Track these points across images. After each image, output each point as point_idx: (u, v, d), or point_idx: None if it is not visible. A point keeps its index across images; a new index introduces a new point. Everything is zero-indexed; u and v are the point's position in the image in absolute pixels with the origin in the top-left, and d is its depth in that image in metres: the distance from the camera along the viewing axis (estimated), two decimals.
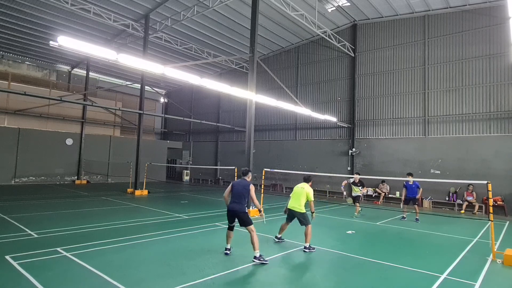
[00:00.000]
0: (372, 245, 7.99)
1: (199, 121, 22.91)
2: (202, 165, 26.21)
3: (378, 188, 17.47)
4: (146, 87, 18.66)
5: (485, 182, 7.12)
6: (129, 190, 17.29)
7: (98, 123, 24.73)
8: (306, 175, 7.78)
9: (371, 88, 18.60)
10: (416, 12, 16.90)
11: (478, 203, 14.31)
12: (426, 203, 15.58)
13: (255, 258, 6.02)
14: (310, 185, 7.52)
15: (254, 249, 6.07)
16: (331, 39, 18.26)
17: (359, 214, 12.07)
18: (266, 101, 13.75)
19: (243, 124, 19.22)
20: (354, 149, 18.71)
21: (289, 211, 7.44)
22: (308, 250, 6.97)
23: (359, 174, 12.79)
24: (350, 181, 12.52)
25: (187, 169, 29.02)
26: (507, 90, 14.51)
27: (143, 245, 7.09)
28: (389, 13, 17.60)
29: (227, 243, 6.56)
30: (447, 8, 15.93)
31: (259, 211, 6.94)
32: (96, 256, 6.16)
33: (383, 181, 17.26)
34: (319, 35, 18.71)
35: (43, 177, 21.22)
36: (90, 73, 24.90)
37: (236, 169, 12.56)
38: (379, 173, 16.99)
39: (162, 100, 31.56)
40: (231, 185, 6.56)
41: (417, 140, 16.71)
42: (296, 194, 7.38)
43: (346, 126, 19.01)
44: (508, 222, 12.06)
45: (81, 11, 15.59)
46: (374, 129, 18.33)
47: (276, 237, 7.73)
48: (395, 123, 17.59)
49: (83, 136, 23.23)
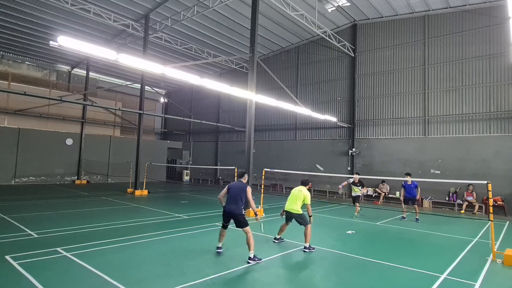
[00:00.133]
0: (372, 245, 7.99)
1: (199, 121, 22.91)
2: (202, 165, 26.22)
3: (378, 188, 17.47)
4: (146, 87, 18.67)
5: (485, 182, 7.14)
6: (129, 190, 17.30)
7: (98, 123, 24.73)
8: (304, 178, 7.81)
9: (371, 88, 18.60)
10: (416, 12, 16.90)
11: (478, 203, 14.31)
12: (426, 203, 15.58)
13: (249, 258, 6.04)
14: (310, 187, 7.53)
15: (249, 250, 6.10)
16: (331, 39, 18.26)
17: (358, 214, 12.07)
18: (266, 101, 13.74)
19: (243, 124, 19.22)
20: (354, 149, 18.71)
21: (286, 213, 7.45)
22: (308, 250, 6.97)
23: (358, 174, 12.80)
24: (350, 181, 12.54)
25: (187, 169, 29.02)
26: (507, 90, 14.52)
27: (143, 245, 7.09)
28: (389, 13, 17.60)
29: (219, 242, 6.59)
30: (447, 8, 15.94)
31: (255, 214, 6.77)
32: (96, 256, 6.16)
33: (383, 181, 17.26)
34: (319, 35, 18.71)
35: (43, 177, 21.22)
36: (90, 73, 24.90)
37: (236, 169, 12.56)
38: (379, 173, 16.99)
39: (162, 100, 31.55)
40: (227, 187, 6.57)
41: (417, 140, 16.71)
42: (293, 196, 7.39)
43: (346, 126, 19.01)
44: (508, 222, 12.07)
45: (81, 11, 15.60)
46: (374, 129, 18.33)
47: (275, 238, 7.71)
48: (395, 123, 17.59)
49: (83, 136, 23.24)
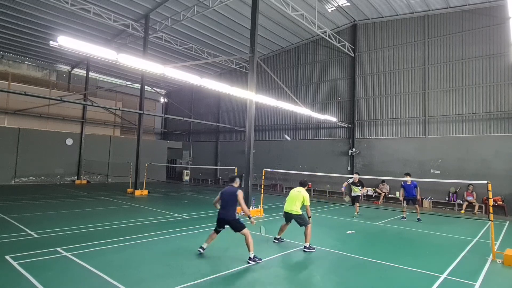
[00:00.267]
0: (372, 245, 7.99)
1: (199, 121, 22.91)
2: (202, 165, 26.21)
3: (378, 188, 17.46)
4: (146, 87, 18.67)
5: (485, 182, 7.13)
6: (129, 190, 17.29)
7: (98, 123, 24.73)
8: (303, 179, 7.79)
9: (371, 88, 18.60)
10: (416, 12, 16.89)
11: (478, 203, 14.31)
12: (426, 203, 15.58)
13: (249, 259, 6.02)
14: (309, 187, 7.52)
15: (249, 250, 6.08)
16: (331, 39, 18.26)
17: (358, 214, 12.07)
18: (266, 101, 13.74)
19: (243, 124, 19.21)
20: (354, 149, 18.70)
21: (285, 214, 7.44)
22: (308, 250, 6.97)
23: (358, 174, 12.81)
24: (350, 181, 12.54)
25: (187, 169, 29.01)
26: (507, 90, 14.51)
27: (143, 245, 7.09)
28: (389, 13, 17.60)
29: (205, 242, 6.43)
30: (447, 8, 15.93)
31: (249, 217, 6.39)
32: (96, 256, 6.16)
33: (383, 181, 17.26)
34: (319, 35, 18.71)
35: (43, 177, 21.22)
36: (90, 73, 24.91)
37: (236, 169, 12.58)
38: (379, 173, 16.99)
39: (162, 100, 31.55)
40: (219, 193, 6.48)
41: (417, 140, 16.71)
42: (292, 197, 7.38)
43: (346, 126, 19.01)
44: (508, 222, 12.07)
45: (81, 11, 15.60)
46: (374, 129, 18.33)
47: (276, 238, 7.71)
48: (395, 123, 17.59)
49: (83, 136, 23.24)
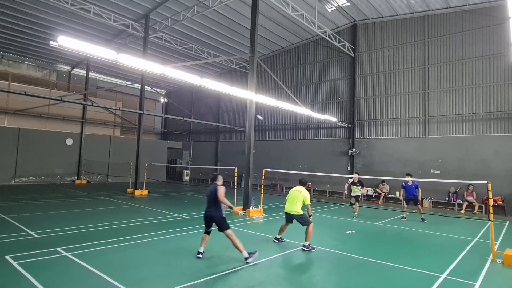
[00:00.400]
0: (372, 245, 7.99)
1: (199, 121, 22.91)
2: (202, 165, 26.20)
3: (378, 188, 17.46)
4: (146, 87, 18.67)
5: (485, 182, 7.13)
6: (129, 190, 17.29)
7: (98, 123, 24.73)
8: (304, 178, 7.72)
9: (371, 88, 18.59)
10: (416, 12, 16.89)
11: (478, 203, 14.31)
12: (426, 203, 15.57)
13: (245, 259, 5.96)
14: (309, 187, 7.48)
15: (241, 252, 5.99)
16: (331, 39, 18.26)
17: (357, 214, 12.07)
18: (266, 101, 13.75)
19: (243, 124, 19.22)
20: (354, 149, 18.70)
21: (286, 214, 7.41)
22: (307, 249, 6.97)
23: (358, 174, 12.80)
24: (349, 181, 12.53)
25: (187, 169, 29.01)
26: (507, 90, 14.51)
27: (143, 245, 7.09)
28: (389, 13, 17.60)
29: (201, 246, 6.29)
30: (447, 8, 15.93)
31: (231, 208, 6.40)
32: (96, 256, 6.16)
33: (383, 181, 17.26)
34: (319, 35, 18.71)
35: (43, 177, 21.22)
36: (90, 73, 24.91)
37: (236, 169, 12.56)
38: (379, 173, 16.99)
39: (162, 100, 31.55)
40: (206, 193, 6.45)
41: (417, 140, 16.71)
42: (292, 197, 7.34)
43: (346, 126, 19.01)
44: (508, 222, 12.07)
45: (81, 11, 15.60)
46: (374, 129, 18.33)
47: (276, 238, 7.70)
48: (395, 123, 17.58)
49: (83, 136, 23.24)
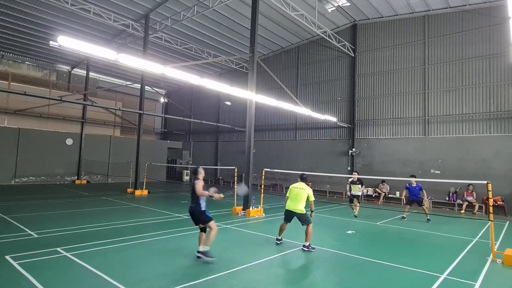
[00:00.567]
0: (372, 245, 7.99)
1: (199, 121, 22.91)
2: (202, 165, 26.11)
3: (378, 188, 17.46)
4: (146, 87, 18.66)
5: (485, 182, 7.13)
6: (129, 190, 17.29)
7: (98, 123, 24.72)
8: (304, 174, 7.53)
9: (371, 88, 18.59)
10: (416, 12, 16.89)
11: (478, 203, 14.31)
12: (426, 203, 15.51)
13: (199, 251, 5.96)
14: (309, 187, 7.45)
15: (205, 244, 5.99)
16: (331, 39, 18.26)
17: (358, 213, 12.06)
18: (266, 101, 13.74)
19: (243, 124, 19.22)
20: (354, 149, 18.70)
21: (288, 212, 7.32)
22: (307, 249, 6.96)
23: (357, 173, 12.81)
24: (349, 180, 12.53)
25: (187, 169, 29.00)
26: (507, 90, 14.51)
27: (143, 245, 7.09)
28: (389, 13, 17.59)
29: (199, 244, 6.17)
30: (447, 8, 15.93)
31: (211, 196, 6.12)
32: (96, 256, 6.16)
33: (383, 181, 17.25)
34: (319, 35, 18.71)
35: (43, 177, 21.21)
36: (90, 73, 24.91)
37: (236, 169, 12.56)
38: (379, 173, 16.99)
39: (162, 100, 31.55)
40: None
41: (417, 140, 16.71)
42: (295, 195, 7.24)
43: (346, 126, 19.01)
44: (508, 222, 12.07)
45: (81, 11, 15.60)
46: (374, 129, 18.33)
47: (278, 239, 7.53)
48: (395, 123, 17.58)
49: (83, 136, 23.23)
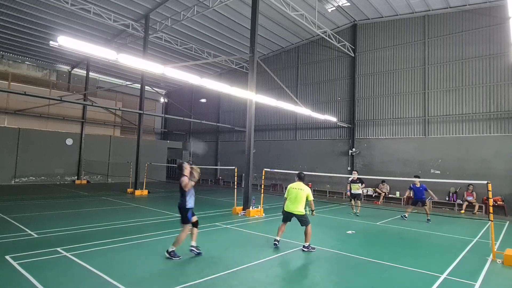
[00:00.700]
0: (372, 245, 7.99)
1: (199, 121, 22.91)
2: (202, 165, 26.16)
3: (378, 188, 17.46)
4: (146, 87, 18.66)
5: (485, 182, 7.13)
6: (129, 190, 17.29)
7: (98, 123, 24.72)
8: (302, 172, 7.57)
9: (371, 88, 18.59)
10: (416, 12, 16.89)
11: (478, 203, 14.31)
12: (426, 203, 15.55)
13: (168, 251, 6.07)
14: (309, 187, 7.44)
15: (173, 244, 6.12)
16: (331, 39, 18.25)
17: (359, 212, 12.06)
18: (266, 101, 13.74)
19: (243, 124, 19.22)
20: (354, 149, 18.70)
21: (287, 213, 7.29)
22: (307, 249, 6.97)
23: (357, 172, 12.83)
24: (349, 180, 12.55)
25: None
26: (507, 90, 14.51)
27: (143, 245, 7.09)
28: (389, 13, 17.59)
29: (191, 240, 6.41)
30: (447, 8, 15.93)
31: (192, 185, 6.33)
32: (96, 256, 6.16)
33: (383, 181, 17.26)
34: (319, 35, 18.71)
35: (43, 177, 21.21)
36: (90, 73, 24.90)
37: (236, 169, 12.55)
38: (379, 173, 16.99)
39: (162, 100, 31.54)
40: None
41: (417, 140, 16.71)
42: (295, 196, 7.20)
43: (346, 126, 19.01)
44: (508, 222, 12.07)
45: (81, 11, 15.60)
46: (374, 129, 18.33)
47: (275, 240, 7.39)
48: (395, 123, 17.58)
49: (83, 136, 23.23)
